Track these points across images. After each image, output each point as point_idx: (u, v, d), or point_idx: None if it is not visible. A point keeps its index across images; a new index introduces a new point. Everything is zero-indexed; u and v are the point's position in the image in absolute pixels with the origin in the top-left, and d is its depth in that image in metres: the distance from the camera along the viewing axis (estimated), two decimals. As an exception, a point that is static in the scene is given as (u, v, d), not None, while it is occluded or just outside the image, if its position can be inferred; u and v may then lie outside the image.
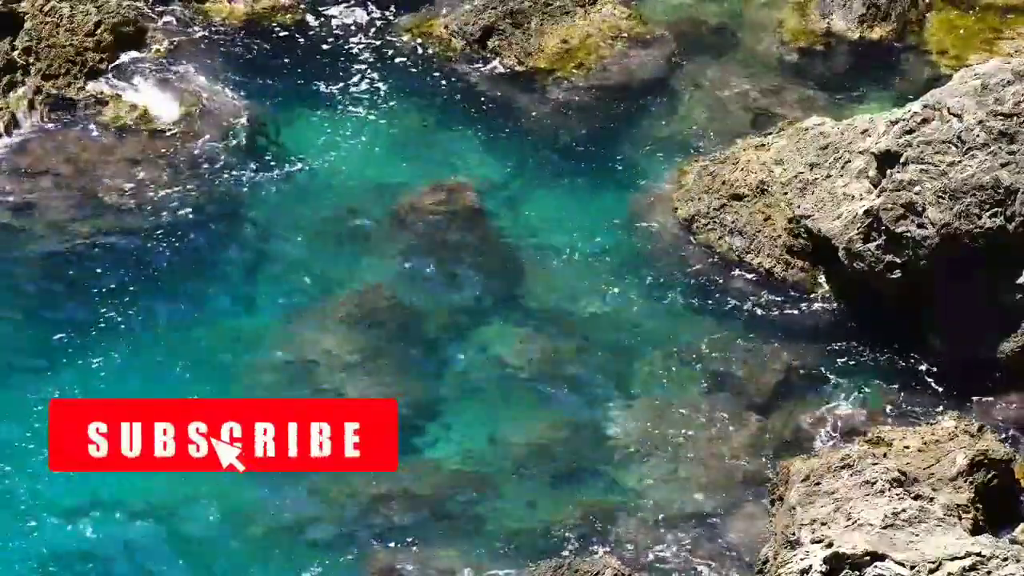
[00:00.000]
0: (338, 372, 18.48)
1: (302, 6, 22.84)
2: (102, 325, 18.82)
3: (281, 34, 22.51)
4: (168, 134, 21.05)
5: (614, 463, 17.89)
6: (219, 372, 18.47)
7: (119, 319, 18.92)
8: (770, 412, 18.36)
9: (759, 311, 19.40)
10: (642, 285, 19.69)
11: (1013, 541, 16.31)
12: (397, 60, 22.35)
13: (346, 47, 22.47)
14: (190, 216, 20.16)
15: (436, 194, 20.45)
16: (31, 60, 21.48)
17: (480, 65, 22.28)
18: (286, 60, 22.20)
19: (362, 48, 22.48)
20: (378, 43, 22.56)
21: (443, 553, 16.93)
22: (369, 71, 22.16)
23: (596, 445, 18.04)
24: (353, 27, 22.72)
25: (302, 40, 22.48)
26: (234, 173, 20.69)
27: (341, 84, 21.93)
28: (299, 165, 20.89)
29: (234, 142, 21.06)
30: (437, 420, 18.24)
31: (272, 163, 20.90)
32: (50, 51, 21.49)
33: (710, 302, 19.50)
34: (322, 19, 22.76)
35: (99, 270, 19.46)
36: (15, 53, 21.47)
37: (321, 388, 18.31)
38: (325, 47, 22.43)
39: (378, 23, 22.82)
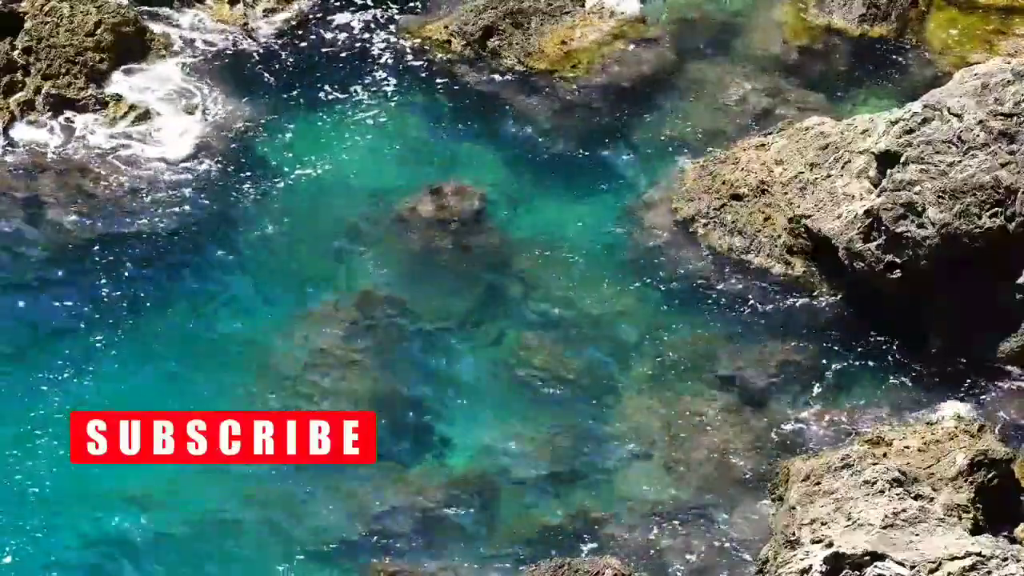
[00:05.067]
0: (338, 375, 18.47)
1: (302, 8, 22.83)
2: (101, 326, 18.83)
3: (281, 36, 22.50)
4: (168, 135, 21.04)
5: (614, 464, 17.90)
6: (218, 373, 18.46)
7: (117, 320, 18.93)
8: (770, 412, 18.36)
9: (759, 311, 19.40)
10: (642, 285, 19.69)
11: (1013, 541, 16.31)
12: (397, 61, 22.35)
13: (346, 49, 22.47)
14: (189, 217, 20.16)
15: (436, 195, 20.44)
16: (31, 60, 21.47)
17: (480, 65, 22.27)
18: (286, 63, 22.20)
19: (362, 50, 22.48)
20: (378, 44, 22.56)
21: (443, 554, 16.94)
22: (369, 72, 22.16)
23: (596, 446, 18.04)
24: (353, 29, 22.72)
25: (301, 43, 22.47)
26: (233, 174, 20.69)
27: (341, 86, 21.92)
28: (299, 167, 20.89)
29: (233, 144, 21.06)
30: (437, 422, 18.24)
31: (271, 164, 20.90)
32: (50, 51, 21.48)
33: (710, 302, 19.50)
34: (322, 21, 22.76)
35: (98, 271, 19.46)
36: (15, 53, 21.47)
37: (321, 391, 18.30)
38: (325, 49, 22.43)
39: (378, 24, 22.82)
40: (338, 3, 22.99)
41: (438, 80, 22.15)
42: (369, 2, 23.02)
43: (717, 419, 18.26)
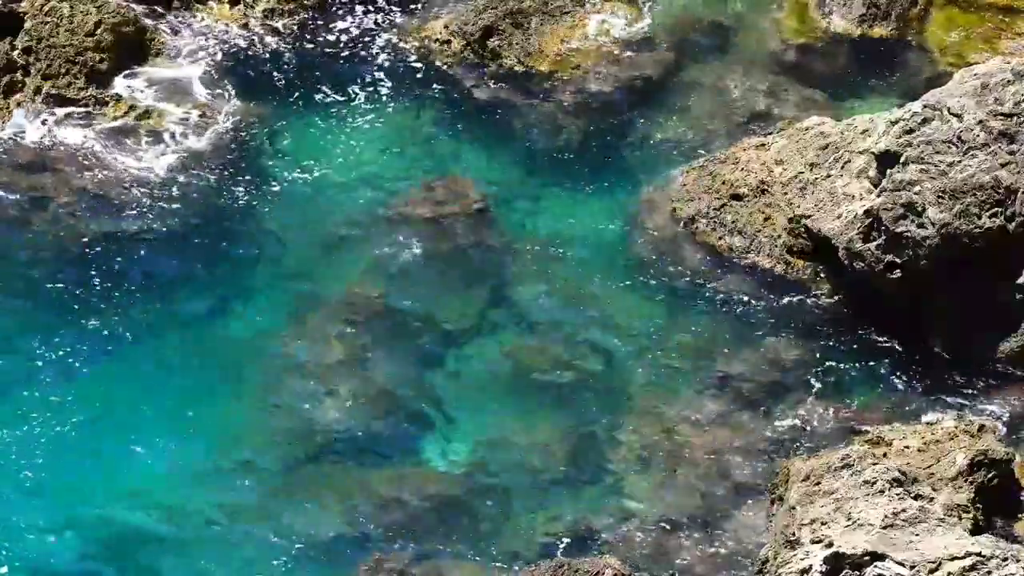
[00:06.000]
0: (337, 374, 18.47)
1: (301, 9, 22.82)
2: (99, 324, 18.83)
3: (281, 36, 22.49)
4: (167, 135, 21.05)
5: (614, 464, 17.90)
6: (216, 373, 18.47)
7: (116, 318, 18.92)
8: (770, 412, 18.36)
9: (759, 311, 19.40)
10: (642, 285, 19.69)
11: (1013, 541, 16.31)
12: (397, 61, 22.35)
13: (346, 49, 22.47)
14: (187, 217, 20.16)
15: (436, 195, 20.45)
16: (31, 60, 21.48)
17: (480, 66, 22.27)
18: (286, 63, 22.20)
19: (362, 49, 22.48)
20: (378, 44, 22.55)
21: (443, 554, 16.94)
22: (369, 72, 22.16)
23: (596, 446, 18.04)
24: (353, 29, 22.72)
25: (301, 43, 22.46)
26: (233, 174, 20.69)
27: (340, 85, 21.92)
28: (298, 166, 20.89)
29: (233, 143, 21.06)
30: (436, 423, 18.24)
31: (271, 164, 20.90)
32: (50, 51, 21.48)
33: (710, 302, 19.50)
34: (322, 22, 22.75)
35: (96, 270, 19.45)
36: (15, 53, 21.48)
37: (319, 390, 18.31)
38: (324, 49, 22.42)
39: (378, 24, 22.81)
40: (338, 4, 22.98)
41: (438, 80, 22.14)
42: (369, 2, 23.03)
43: (717, 419, 18.26)
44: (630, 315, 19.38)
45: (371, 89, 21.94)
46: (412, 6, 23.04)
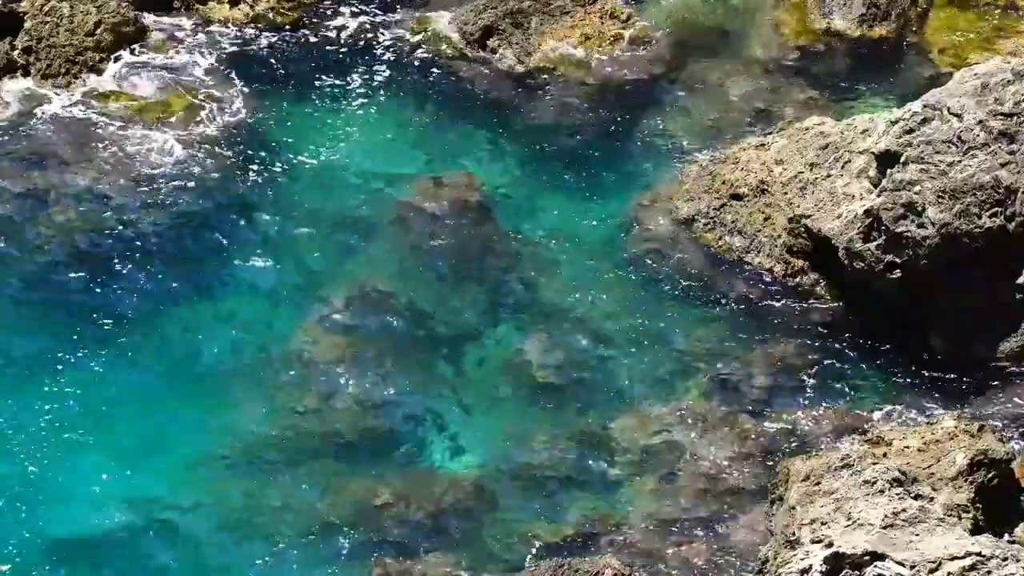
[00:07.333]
0: (336, 372, 18.47)
1: (301, 8, 22.82)
2: (98, 320, 18.83)
3: (281, 35, 22.50)
4: (168, 132, 21.05)
5: (614, 464, 17.89)
6: (216, 371, 18.47)
7: (115, 314, 18.93)
8: (770, 412, 18.36)
9: (759, 311, 19.40)
10: (642, 285, 19.69)
11: (1013, 541, 16.31)
12: (397, 60, 22.36)
13: (346, 47, 22.48)
14: (188, 213, 20.17)
15: (435, 194, 20.45)
16: (31, 60, 21.49)
17: (480, 64, 22.28)
18: (287, 60, 22.20)
19: (362, 48, 22.49)
20: (378, 43, 22.56)
21: (443, 554, 16.93)
22: (369, 71, 22.17)
23: (596, 446, 18.03)
24: (353, 27, 22.73)
25: (302, 41, 22.47)
26: (234, 171, 20.70)
27: (341, 84, 21.93)
28: (299, 164, 20.90)
29: (234, 141, 21.06)
30: (437, 422, 18.24)
31: (271, 161, 20.90)
32: (50, 51, 21.50)
33: (710, 302, 19.50)
34: (322, 20, 22.76)
35: (99, 262, 19.47)
36: (15, 53, 21.49)
37: (319, 389, 18.31)
38: (325, 47, 22.43)
39: (378, 23, 22.82)
40: (338, 4, 22.99)
41: (438, 80, 22.15)
42: (369, 2, 23.03)
43: (716, 419, 18.25)
44: (630, 314, 19.38)
45: (372, 88, 21.95)
46: (412, 5, 23.04)
